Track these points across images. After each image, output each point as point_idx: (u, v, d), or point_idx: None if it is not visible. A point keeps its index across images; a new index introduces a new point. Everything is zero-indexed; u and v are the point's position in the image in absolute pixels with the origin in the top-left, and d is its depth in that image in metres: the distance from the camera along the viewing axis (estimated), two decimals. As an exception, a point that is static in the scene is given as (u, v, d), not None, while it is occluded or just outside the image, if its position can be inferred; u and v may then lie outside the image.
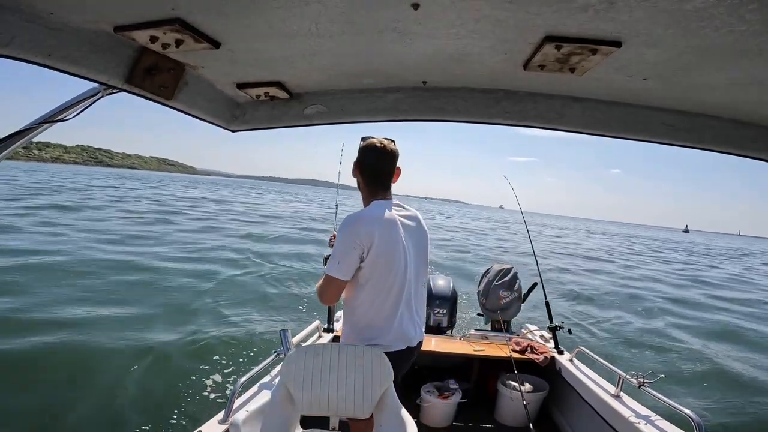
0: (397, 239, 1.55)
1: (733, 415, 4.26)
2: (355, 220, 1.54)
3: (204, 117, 1.64)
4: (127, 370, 3.82)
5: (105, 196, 24.95)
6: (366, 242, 1.49)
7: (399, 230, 1.56)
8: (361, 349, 1.55)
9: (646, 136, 1.53)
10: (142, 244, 10.09)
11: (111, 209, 17.49)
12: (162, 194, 33.62)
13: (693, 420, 1.71)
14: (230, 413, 1.72)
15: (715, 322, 8.31)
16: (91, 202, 20.05)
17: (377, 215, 1.54)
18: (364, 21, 1.05)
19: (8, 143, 1.16)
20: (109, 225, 12.68)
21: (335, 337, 2.82)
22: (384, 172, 1.63)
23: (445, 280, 3.67)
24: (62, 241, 9.25)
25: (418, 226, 1.69)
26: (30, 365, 3.77)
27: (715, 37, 0.92)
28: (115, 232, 11.33)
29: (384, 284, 1.55)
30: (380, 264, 1.53)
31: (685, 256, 27.64)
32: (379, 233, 1.50)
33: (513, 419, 2.78)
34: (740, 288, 14.09)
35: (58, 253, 8.02)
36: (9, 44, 0.98)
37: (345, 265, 1.51)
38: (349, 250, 1.50)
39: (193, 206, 24.45)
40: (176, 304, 5.90)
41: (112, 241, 9.93)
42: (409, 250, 1.61)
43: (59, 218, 12.92)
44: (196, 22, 1.08)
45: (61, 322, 4.69)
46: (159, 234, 11.91)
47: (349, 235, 1.51)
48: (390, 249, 1.53)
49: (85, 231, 10.85)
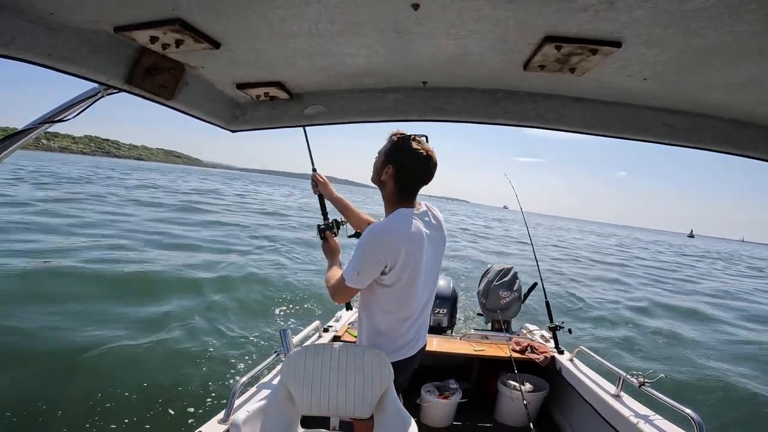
0: (421, 255, 1.47)
1: (734, 415, 4.26)
2: (381, 235, 1.43)
3: (204, 117, 1.64)
4: (126, 370, 3.82)
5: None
6: (391, 258, 1.41)
7: (425, 245, 1.48)
8: (361, 349, 1.55)
9: (646, 136, 1.53)
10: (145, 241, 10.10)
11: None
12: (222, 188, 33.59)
13: (693, 419, 1.71)
14: (230, 413, 1.72)
15: (715, 321, 8.31)
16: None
17: (405, 231, 1.44)
18: (364, 21, 1.05)
19: (8, 143, 1.16)
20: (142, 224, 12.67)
21: (335, 337, 2.82)
22: (425, 180, 1.50)
23: (446, 280, 3.68)
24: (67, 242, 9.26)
25: (440, 234, 1.60)
26: (23, 356, 3.78)
27: (715, 37, 0.92)
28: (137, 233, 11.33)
29: (404, 297, 1.51)
30: (403, 279, 1.46)
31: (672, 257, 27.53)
32: (406, 250, 1.42)
33: (513, 419, 2.79)
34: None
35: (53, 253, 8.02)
36: (9, 44, 0.98)
37: (365, 276, 1.45)
38: (371, 264, 1.43)
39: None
40: (176, 303, 5.90)
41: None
42: (431, 261, 1.56)
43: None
44: (196, 22, 1.08)
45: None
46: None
47: (374, 249, 1.42)
48: (415, 266, 1.46)
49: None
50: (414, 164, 1.47)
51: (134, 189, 26.25)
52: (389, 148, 1.50)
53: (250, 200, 30.52)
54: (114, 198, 19.25)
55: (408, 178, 1.49)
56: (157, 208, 17.40)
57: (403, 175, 1.48)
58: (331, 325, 3.02)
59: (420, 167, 1.47)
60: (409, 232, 1.43)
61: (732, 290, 14.11)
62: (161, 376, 3.83)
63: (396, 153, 1.48)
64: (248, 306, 6.21)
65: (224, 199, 28.39)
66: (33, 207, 13.18)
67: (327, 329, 2.91)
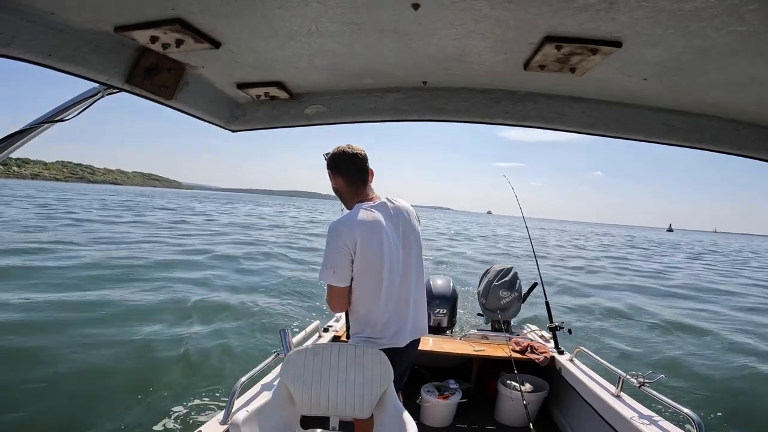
0: (380, 241, 1.55)
1: (735, 415, 4.26)
2: (337, 225, 1.56)
3: (204, 117, 1.64)
4: (126, 371, 3.82)
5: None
6: (351, 244, 1.51)
7: (382, 230, 1.57)
8: (361, 349, 1.55)
9: (646, 136, 1.53)
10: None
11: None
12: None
13: (693, 420, 1.71)
14: (230, 413, 1.71)
15: (716, 323, 8.31)
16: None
17: (358, 218, 1.55)
18: (364, 21, 1.05)
19: (8, 143, 1.16)
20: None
21: (335, 337, 2.82)
22: (359, 168, 1.65)
23: (445, 280, 3.67)
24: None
25: (406, 220, 1.69)
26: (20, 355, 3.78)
27: (715, 37, 0.92)
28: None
29: (371, 284, 1.56)
30: (367, 265, 1.54)
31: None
32: (361, 235, 1.52)
33: (513, 419, 2.78)
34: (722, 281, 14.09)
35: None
36: (10, 44, 0.98)
37: (338, 270, 1.53)
38: (337, 256, 1.52)
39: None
40: (176, 304, 5.90)
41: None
42: (398, 247, 1.62)
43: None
44: (196, 22, 1.08)
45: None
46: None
47: (334, 241, 1.53)
48: (373, 250, 1.54)
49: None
50: (340, 158, 1.66)
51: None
52: (328, 164, 1.69)
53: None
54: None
55: (344, 168, 1.66)
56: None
57: (339, 169, 1.66)
58: (331, 325, 3.02)
59: (346, 157, 1.65)
60: (364, 219, 1.55)
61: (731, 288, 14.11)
62: (161, 377, 3.83)
63: (330, 162, 1.68)
64: (248, 307, 6.20)
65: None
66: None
67: (327, 329, 2.91)
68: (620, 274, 14.73)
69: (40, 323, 4.66)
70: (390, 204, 1.67)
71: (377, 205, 1.63)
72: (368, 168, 1.67)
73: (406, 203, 1.73)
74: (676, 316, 8.42)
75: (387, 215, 1.62)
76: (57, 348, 4.10)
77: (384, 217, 1.60)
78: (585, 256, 20.42)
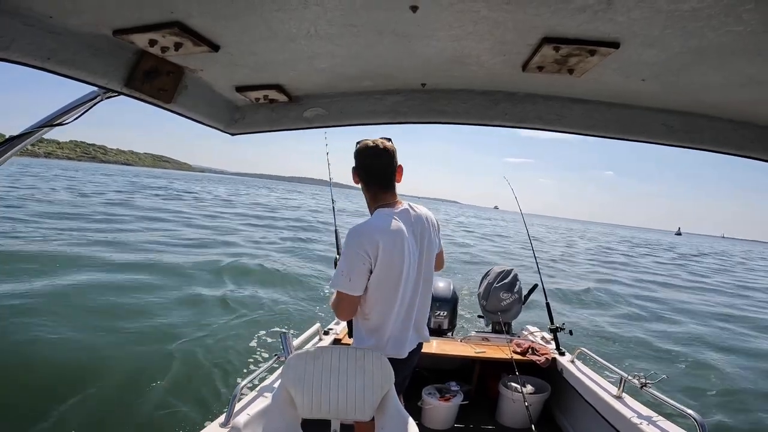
0: (402, 250, 1.48)
1: (736, 416, 4.24)
2: (359, 232, 1.47)
3: (203, 120, 1.64)
4: (127, 374, 3.81)
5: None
6: (372, 251, 1.43)
7: (405, 240, 1.49)
8: (362, 352, 1.54)
9: (645, 137, 1.53)
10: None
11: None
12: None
13: (696, 420, 1.70)
14: (231, 417, 1.71)
15: (715, 322, 8.30)
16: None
17: (381, 226, 1.48)
18: (363, 23, 1.05)
19: (7, 147, 1.16)
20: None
21: (335, 340, 2.82)
22: (384, 173, 1.57)
23: (446, 283, 3.67)
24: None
25: (426, 229, 1.61)
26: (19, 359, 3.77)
27: (713, 37, 0.92)
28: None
29: (389, 295, 1.51)
30: (385, 275, 1.48)
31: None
32: (384, 244, 1.44)
33: (515, 421, 2.77)
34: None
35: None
36: (8, 48, 0.98)
37: (354, 278, 1.45)
38: (356, 264, 1.44)
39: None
40: (176, 304, 5.89)
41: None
42: (417, 258, 1.56)
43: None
44: (195, 25, 1.08)
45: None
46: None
47: (354, 248, 1.45)
48: (394, 261, 1.47)
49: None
50: (366, 158, 1.56)
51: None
52: (354, 157, 1.60)
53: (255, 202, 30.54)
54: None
55: (368, 171, 1.58)
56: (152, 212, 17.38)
57: (363, 171, 1.58)
58: (332, 327, 3.01)
59: (373, 158, 1.56)
60: (387, 228, 1.48)
61: (741, 286, 14.09)
62: (162, 380, 3.81)
63: (355, 158, 1.59)
64: (248, 308, 6.19)
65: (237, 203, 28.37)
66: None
67: (327, 332, 2.91)
68: (623, 275, 14.72)
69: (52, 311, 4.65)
70: (412, 212, 1.59)
71: (400, 212, 1.55)
72: (394, 167, 1.57)
73: (428, 211, 1.66)
74: (677, 316, 8.41)
75: (408, 223, 1.54)
76: (56, 344, 4.09)
77: (406, 225, 1.52)
78: (586, 257, 20.39)
